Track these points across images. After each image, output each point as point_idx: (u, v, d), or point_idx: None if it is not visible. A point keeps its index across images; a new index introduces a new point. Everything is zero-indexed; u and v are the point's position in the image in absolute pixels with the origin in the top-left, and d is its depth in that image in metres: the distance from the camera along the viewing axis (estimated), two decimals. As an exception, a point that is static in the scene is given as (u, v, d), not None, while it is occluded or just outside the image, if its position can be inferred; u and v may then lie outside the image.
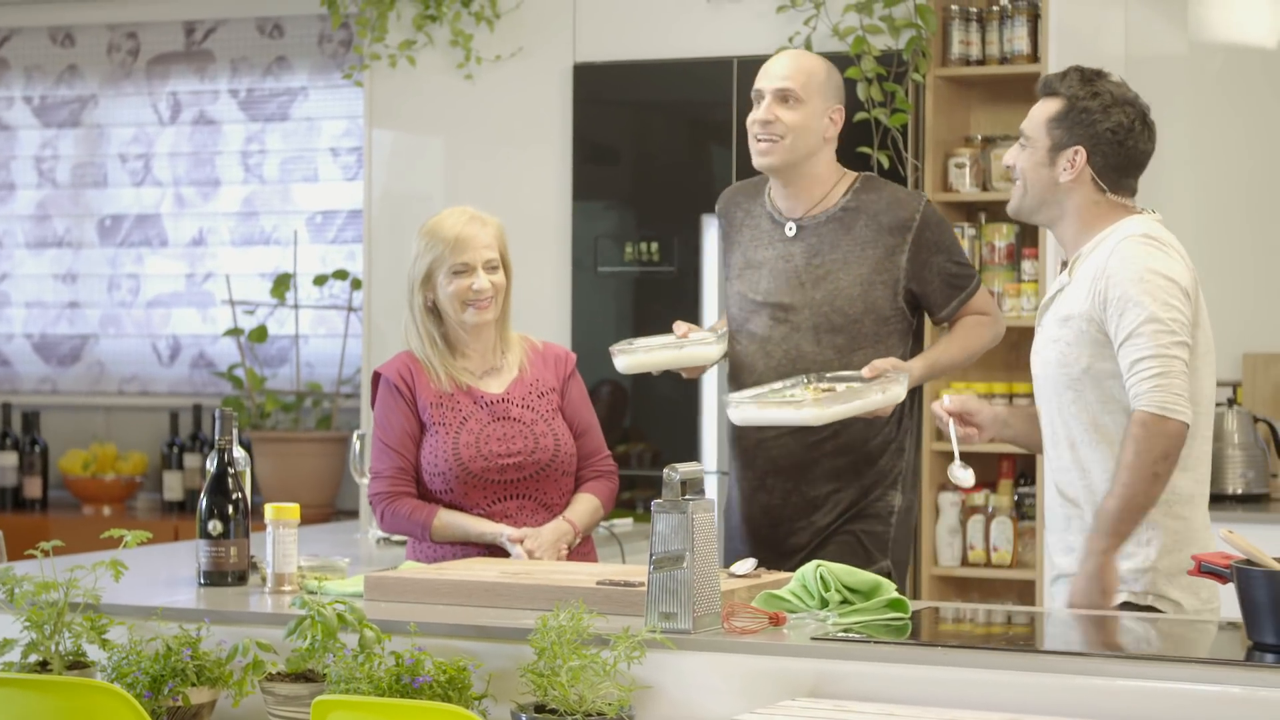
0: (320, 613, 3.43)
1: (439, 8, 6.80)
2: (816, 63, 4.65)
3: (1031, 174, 4.04)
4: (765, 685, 3.35)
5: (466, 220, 4.54)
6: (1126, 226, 3.98)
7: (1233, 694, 3.13)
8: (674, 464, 3.49)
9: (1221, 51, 6.57)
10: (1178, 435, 3.82)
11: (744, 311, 4.68)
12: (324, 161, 7.96)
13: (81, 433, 8.28)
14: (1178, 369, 3.83)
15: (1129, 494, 3.83)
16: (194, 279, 8.16)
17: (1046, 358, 4.01)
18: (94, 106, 8.32)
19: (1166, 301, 3.85)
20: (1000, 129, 6.47)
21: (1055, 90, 4.05)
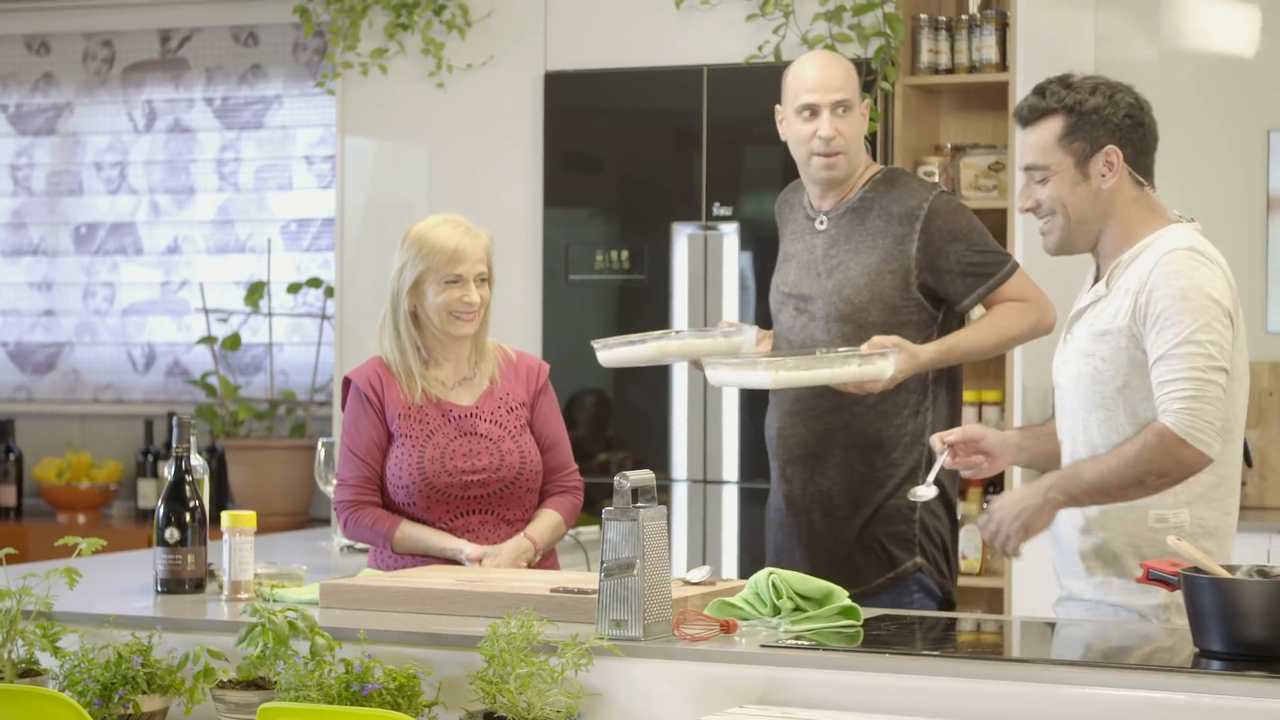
0: (271, 620, 3.43)
1: (410, 16, 6.81)
2: (849, 64, 4.69)
3: (1069, 198, 3.86)
4: (714, 692, 3.35)
5: (462, 232, 4.53)
6: (1171, 237, 3.82)
7: (1179, 701, 3.14)
8: (624, 472, 3.50)
9: (1192, 59, 6.59)
10: (1190, 464, 3.70)
11: (776, 304, 4.77)
12: (299, 169, 7.97)
13: (57, 441, 8.28)
14: (1212, 394, 3.69)
15: (1107, 478, 3.74)
16: (169, 287, 8.17)
17: (1079, 371, 3.87)
18: (69, 114, 8.33)
19: (1208, 324, 3.71)
20: (970, 137, 6.49)
21: (1048, 109, 3.87)
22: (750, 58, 6.37)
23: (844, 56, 4.74)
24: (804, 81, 4.61)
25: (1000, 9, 6.27)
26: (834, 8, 6.28)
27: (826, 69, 4.62)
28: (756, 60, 6.36)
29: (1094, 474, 3.77)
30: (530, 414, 4.58)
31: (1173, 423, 3.69)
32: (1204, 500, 3.83)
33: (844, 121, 4.59)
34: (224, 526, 3.97)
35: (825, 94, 4.58)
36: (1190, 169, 6.58)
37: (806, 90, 4.59)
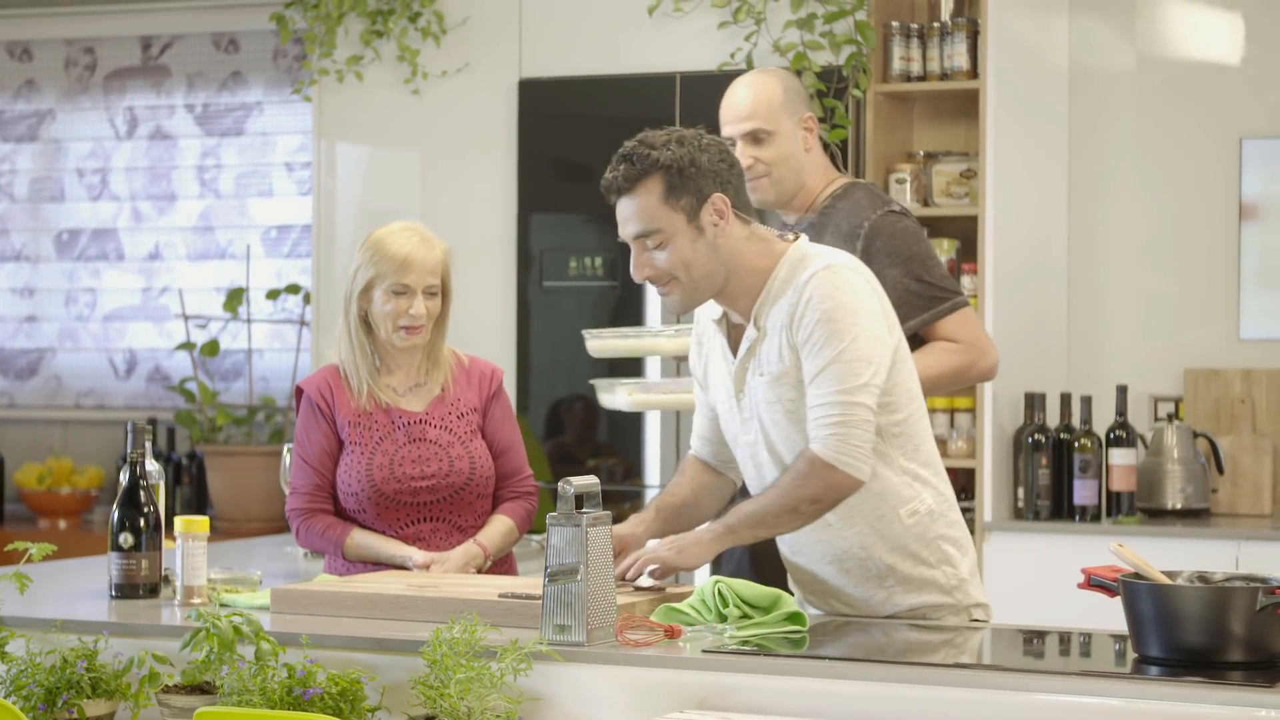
0: (215, 625, 3.45)
1: (386, 23, 6.83)
2: (772, 83, 4.52)
3: (691, 256, 3.74)
4: (655, 697, 3.36)
5: (417, 242, 4.47)
6: (800, 260, 3.78)
7: (1117, 706, 3.15)
8: (568, 478, 3.51)
9: (1169, 65, 6.60)
10: (840, 488, 3.70)
11: None
12: (279, 176, 7.99)
13: (39, 446, 8.30)
14: (860, 417, 3.68)
15: (765, 507, 3.74)
16: (150, 293, 8.19)
17: (773, 420, 3.79)
18: (51, 121, 8.35)
19: (854, 340, 3.69)
20: (942, 145, 6.50)
21: (642, 173, 3.72)
22: (722, 65, 6.38)
23: (772, 72, 4.56)
24: (721, 111, 4.52)
25: (972, 16, 6.28)
26: (805, 15, 6.30)
27: (738, 97, 4.50)
28: (729, 67, 6.37)
29: (754, 505, 3.78)
30: (482, 419, 4.56)
31: (820, 450, 3.69)
32: (936, 477, 3.87)
33: (761, 148, 4.47)
34: (177, 531, 3.98)
35: (735, 125, 4.48)
36: (1164, 176, 6.59)
37: (722, 121, 4.50)
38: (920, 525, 3.85)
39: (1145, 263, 6.61)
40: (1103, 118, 6.61)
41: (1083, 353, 6.58)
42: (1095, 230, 6.60)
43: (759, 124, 4.46)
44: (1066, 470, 6.14)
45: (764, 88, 4.49)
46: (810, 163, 4.55)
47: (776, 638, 3.58)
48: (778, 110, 4.48)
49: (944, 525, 3.88)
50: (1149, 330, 6.57)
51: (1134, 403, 6.44)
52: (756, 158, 4.46)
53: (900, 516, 3.83)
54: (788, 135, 4.49)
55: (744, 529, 3.79)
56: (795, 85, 4.56)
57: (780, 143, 4.48)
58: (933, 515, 3.86)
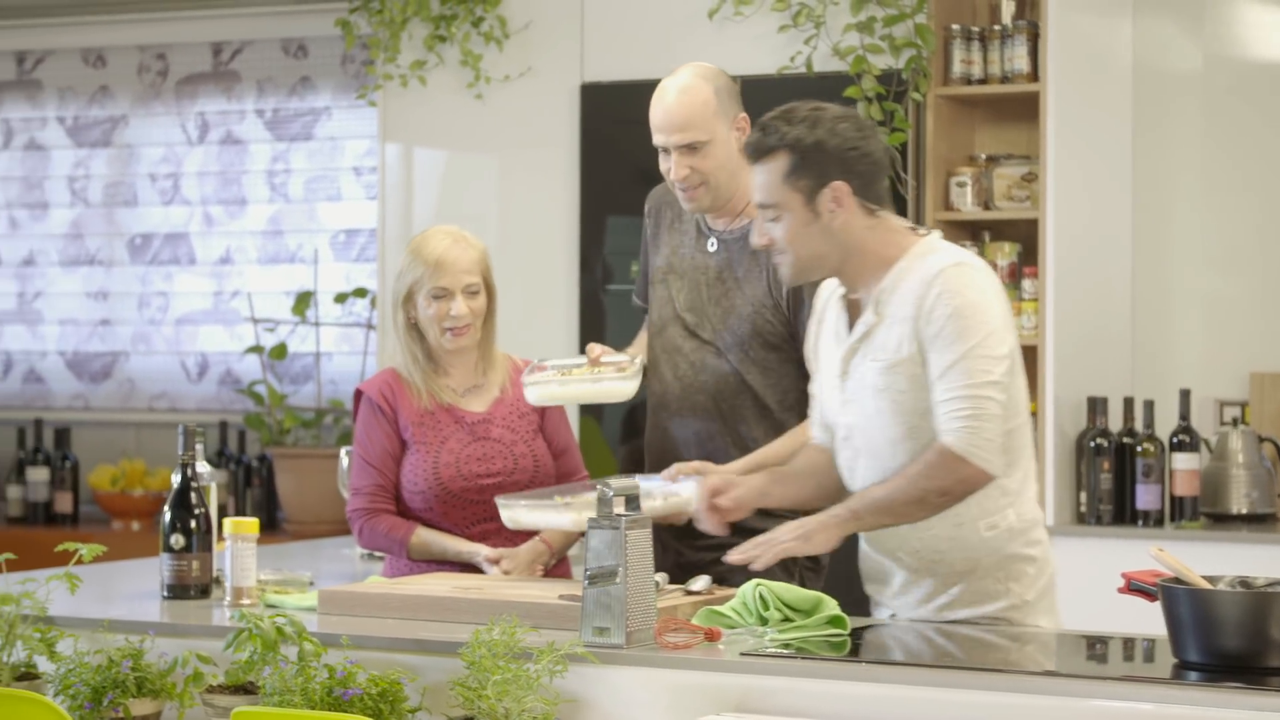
0: (258, 626, 3.48)
1: (449, 28, 6.87)
2: (704, 89, 4.33)
3: (801, 236, 3.79)
4: (693, 700, 3.38)
5: (450, 243, 4.50)
6: (934, 255, 3.80)
7: (1150, 711, 3.14)
8: (608, 480, 3.53)
9: (1236, 65, 6.55)
10: (971, 481, 3.72)
11: (662, 319, 4.52)
12: (347, 180, 8.05)
13: (112, 449, 8.39)
14: (990, 411, 3.70)
15: (892, 495, 3.74)
16: (221, 297, 8.26)
17: (876, 407, 3.81)
18: (125, 126, 8.44)
19: (984, 339, 3.70)
20: (1004, 148, 6.48)
21: (772, 147, 3.77)
22: (782, 68, 6.39)
23: (700, 75, 4.34)
24: (652, 116, 4.35)
25: (1033, 19, 6.26)
26: (865, 19, 6.29)
27: (667, 108, 4.32)
28: (789, 71, 6.38)
29: (880, 492, 3.77)
30: (541, 420, 4.60)
31: (953, 442, 3.70)
32: (1019, 497, 3.86)
33: (697, 158, 4.30)
34: (226, 533, 4.02)
35: (667, 135, 4.32)
36: (1230, 177, 6.54)
37: (653, 127, 4.34)
38: (997, 540, 3.84)
39: (1211, 266, 6.57)
40: (1168, 119, 6.57)
41: (1147, 356, 6.54)
42: (1160, 232, 6.56)
43: (692, 136, 4.29)
44: (1129, 475, 6.11)
45: (696, 95, 4.31)
46: (743, 163, 4.21)
47: (817, 641, 3.59)
48: (711, 118, 4.31)
49: (1021, 544, 3.87)
50: (1215, 334, 6.52)
51: (1199, 407, 6.40)
52: (693, 168, 4.30)
53: (979, 528, 3.83)
54: (723, 141, 4.33)
55: (869, 515, 3.79)
56: (726, 85, 4.39)
57: (716, 150, 4.32)
58: (1012, 533, 3.85)
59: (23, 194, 8.60)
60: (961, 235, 6.42)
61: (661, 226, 4.59)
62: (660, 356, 4.52)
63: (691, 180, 4.33)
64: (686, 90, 4.32)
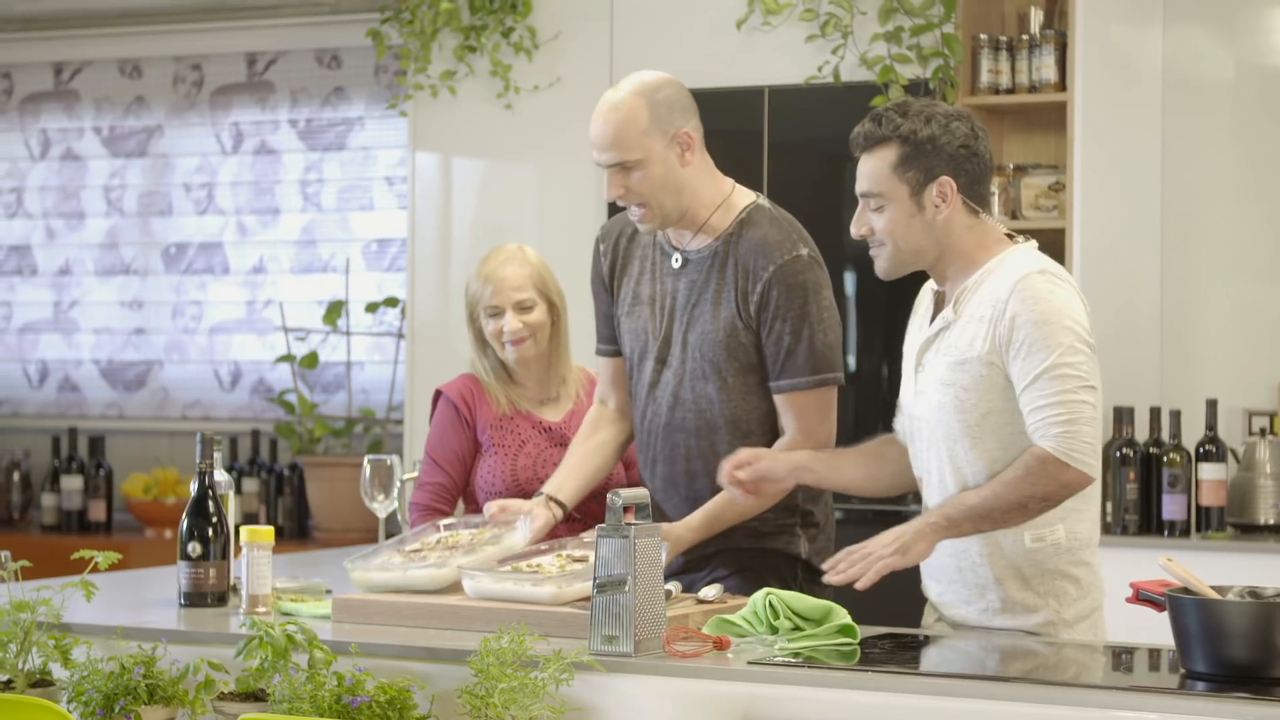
0: (269, 633, 3.50)
1: (479, 39, 6.90)
2: (636, 107, 4.14)
3: (903, 227, 3.81)
4: (699, 709, 3.39)
5: (503, 261, 4.65)
6: (1017, 260, 3.81)
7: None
8: (617, 489, 3.54)
9: (1268, 73, 6.53)
10: (1073, 485, 3.71)
11: (635, 351, 4.36)
12: (379, 190, 8.08)
13: (146, 457, 8.43)
14: (1086, 415, 3.70)
15: (990, 502, 3.73)
16: (254, 306, 8.30)
17: (940, 402, 3.82)
18: (160, 136, 8.49)
19: (1073, 345, 3.71)
20: (1032, 157, 6.47)
21: (883, 138, 3.80)
22: (810, 78, 6.39)
23: (636, 91, 4.16)
24: (590, 136, 4.21)
25: (1060, 28, 6.25)
26: (893, 28, 6.30)
27: (596, 130, 4.18)
28: (816, 81, 6.38)
29: (977, 499, 3.75)
30: None
31: (1053, 447, 3.69)
32: (1075, 514, 3.84)
33: (630, 178, 4.13)
34: (242, 541, 4.04)
35: (599, 155, 4.17)
36: (1261, 186, 6.52)
37: (591, 146, 4.20)
38: (1042, 553, 3.83)
39: (1240, 275, 6.54)
40: (1198, 127, 6.55)
41: (1176, 366, 6.52)
42: (1189, 242, 6.54)
43: (620, 155, 4.13)
44: (1155, 485, 6.10)
45: (625, 113, 4.13)
46: (691, 177, 4.18)
47: (827, 650, 3.59)
48: (642, 135, 4.12)
49: (1068, 562, 3.85)
50: (1244, 343, 6.50)
51: (1227, 417, 6.38)
52: (627, 188, 4.14)
53: (1024, 539, 3.82)
54: (658, 159, 4.13)
55: (966, 522, 3.78)
56: (668, 98, 4.18)
57: (651, 168, 4.13)
58: (1058, 548, 3.84)
59: (59, 204, 8.65)
60: (988, 245, 6.41)
61: (619, 256, 4.41)
62: (639, 392, 4.36)
63: (629, 200, 4.18)
64: (616, 108, 4.16)
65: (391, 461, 4.76)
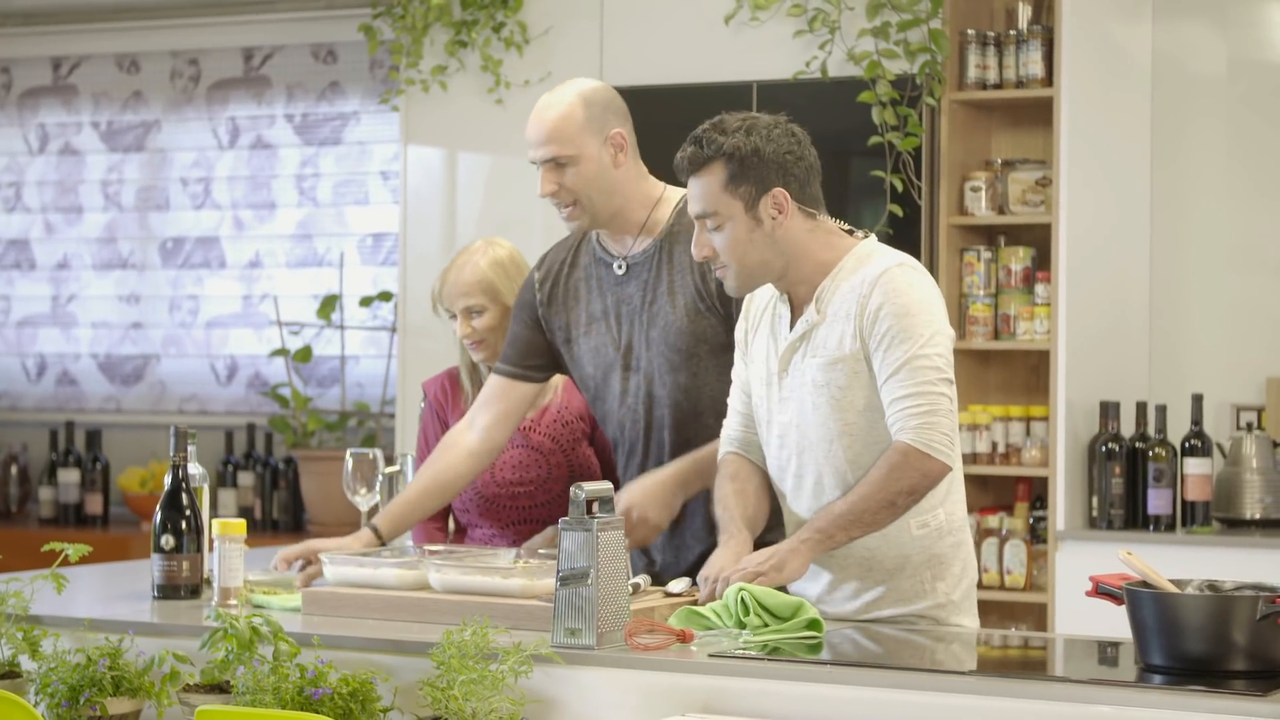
0: (233, 625, 3.52)
1: (470, 34, 6.91)
2: (571, 103, 4.25)
3: (745, 243, 3.79)
4: (660, 701, 3.40)
5: (459, 264, 4.72)
6: (874, 255, 3.82)
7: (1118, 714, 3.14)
8: (580, 483, 3.55)
9: (1261, 69, 6.53)
10: (933, 475, 3.73)
11: (599, 370, 4.35)
12: (374, 184, 8.10)
13: (143, 451, 8.46)
14: (944, 407, 3.72)
15: (859, 506, 3.74)
16: (250, 300, 8.32)
17: (815, 403, 3.82)
18: (157, 131, 8.51)
19: (932, 337, 3.73)
20: (1019, 152, 6.48)
21: (708, 157, 3.78)
22: (798, 73, 6.40)
23: (572, 89, 4.28)
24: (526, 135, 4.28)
25: (1048, 24, 6.26)
26: (880, 24, 6.30)
27: (532, 125, 4.25)
28: (804, 76, 6.39)
29: (845, 505, 3.76)
30: (589, 426, 4.69)
31: (912, 439, 3.71)
32: (950, 497, 3.88)
33: (564, 174, 4.20)
34: (214, 534, 4.05)
35: (533, 150, 4.23)
36: (1251, 182, 6.52)
37: (526, 142, 4.27)
38: (928, 539, 3.87)
39: (1230, 270, 6.55)
40: (1189, 123, 6.56)
41: (1165, 361, 6.53)
42: (1178, 236, 6.55)
43: (555, 150, 4.20)
44: (1141, 479, 6.11)
45: (561, 109, 4.23)
46: (623, 179, 4.26)
47: (792, 643, 3.59)
48: (576, 132, 4.22)
49: (949, 545, 3.89)
50: (1232, 339, 6.50)
51: (1216, 412, 6.39)
52: (560, 184, 4.21)
53: (910, 526, 3.85)
54: (591, 157, 4.21)
55: (839, 531, 3.78)
56: (603, 99, 4.30)
57: (584, 165, 4.21)
58: (941, 532, 3.88)
59: (57, 198, 8.69)
60: (976, 240, 6.42)
61: (561, 286, 4.42)
62: (612, 407, 4.35)
63: (562, 198, 4.23)
64: (551, 105, 4.26)
65: (374, 455, 4.79)
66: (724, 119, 3.83)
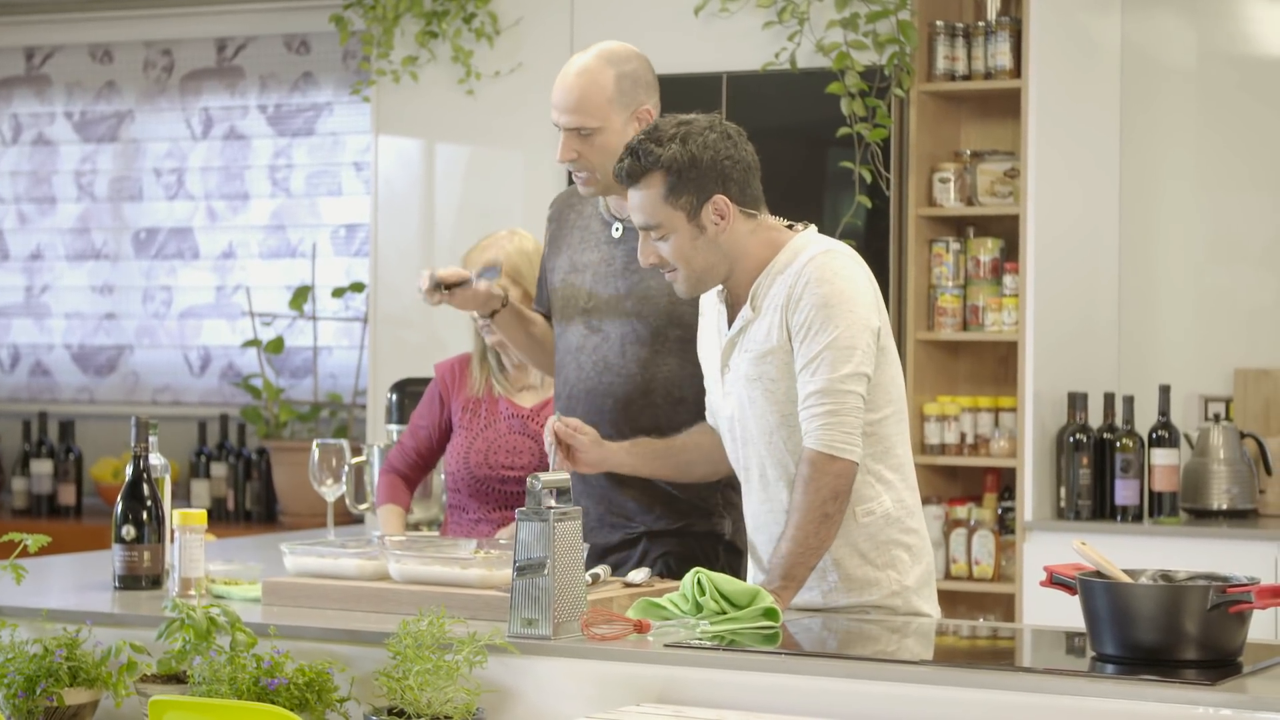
0: (190, 615, 3.52)
1: (441, 24, 6.91)
2: (605, 75, 4.19)
3: (690, 252, 3.81)
4: (616, 691, 3.41)
5: (480, 246, 4.84)
6: (802, 247, 3.83)
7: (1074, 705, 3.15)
8: (537, 473, 3.55)
9: (1231, 59, 6.53)
10: (845, 474, 3.73)
11: (564, 318, 4.38)
12: (347, 175, 8.10)
13: (116, 441, 8.46)
14: (850, 404, 3.73)
15: (801, 536, 3.75)
16: (224, 291, 8.32)
17: (750, 397, 3.86)
18: (131, 122, 8.51)
19: (849, 328, 3.74)
20: (987, 144, 6.49)
21: (645, 169, 3.78)
22: (767, 65, 6.41)
23: (610, 60, 4.21)
24: (553, 93, 4.24)
25: (1016, 15, 6.27)
26: (849, 15, 6.31)
27: (562, 90, 4.21)
28: (773, 67, 6.40)
29: (788, 542, 3.76)
30: None
31: (814, 443, 3.73)
32: (897, 484, 3.89)
33: (585, 144, 4.17)
34: (175, 525, 4.06)
35: (559, 116, 4.21)
36: (1220, 174, 6.53)
37: (552, 104, 4.24)
38: (874, 526, 3.88)
39: (1199, 261, 6.56)
40: (1158, 113, 6.57)
41: (1134, 352, 6.54)
42: (1148, 228, 6.56)
43: (580, 120, 4.17)
44: (1109, 470, 6.12)
45: (594, 79, 4.17)
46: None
47: (748, 633, 3.60)
48: (605, 105, 4.17)
49: (898, 531, 3.90)
50: (1201, 330, 6.51)
51: (1184, 403, 6.40)
52: (580, 152, 4.18)
53: (855, 514, 3.86)
54: (616, 131, 4.16)
55: (798, 569, 3.77)
56: (634, 72, 4.23)
57: (607, 139, 4.16)
58: (888, 519, 3.88)
59: (30, 188, 8.68)
60: (944, 231, 6.43)
61: (564, 227, 4.45)
62: (564, 357, 4.38)
63: (578, 166, 4.21)
64: (585, 72, 4.20)
65: (341, 446, 4.80)
66: (659, 127, 3.82)
